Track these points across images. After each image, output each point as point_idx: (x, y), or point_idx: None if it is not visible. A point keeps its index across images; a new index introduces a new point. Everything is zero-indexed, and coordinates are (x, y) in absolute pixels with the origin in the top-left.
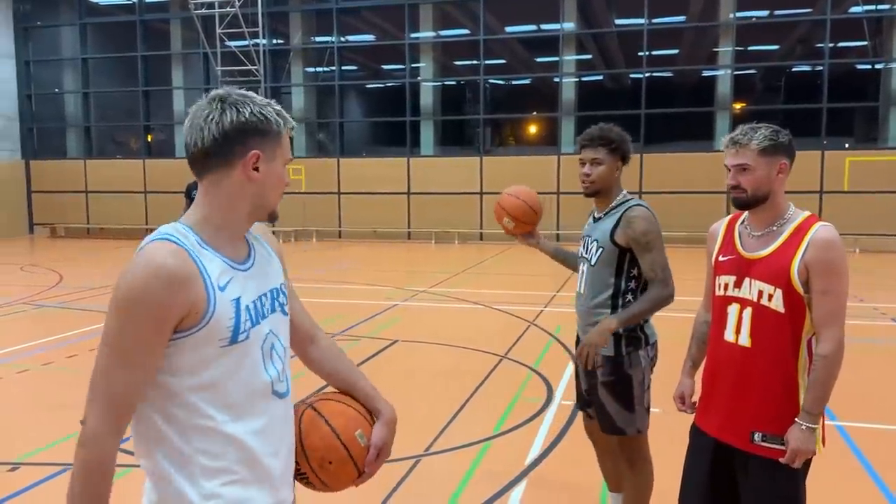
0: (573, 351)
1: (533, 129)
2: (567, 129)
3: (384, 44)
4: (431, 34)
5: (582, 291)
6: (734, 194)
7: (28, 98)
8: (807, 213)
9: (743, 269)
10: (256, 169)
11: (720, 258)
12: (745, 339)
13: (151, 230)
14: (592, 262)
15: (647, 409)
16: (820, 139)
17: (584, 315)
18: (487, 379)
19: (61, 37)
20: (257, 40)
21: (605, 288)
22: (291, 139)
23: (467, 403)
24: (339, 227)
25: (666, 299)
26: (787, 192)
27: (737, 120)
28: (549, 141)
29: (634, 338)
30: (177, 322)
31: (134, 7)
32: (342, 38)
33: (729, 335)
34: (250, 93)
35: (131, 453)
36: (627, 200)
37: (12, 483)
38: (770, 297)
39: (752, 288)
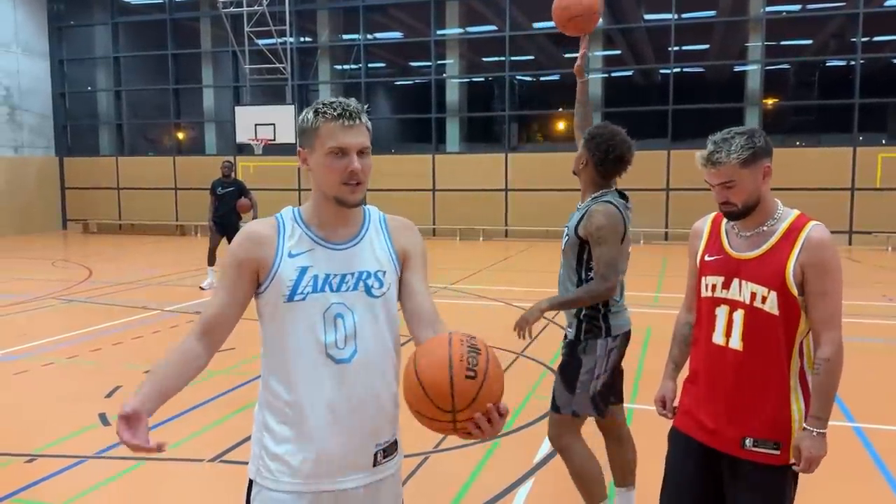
0: None
1: (560, 125)
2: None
3: (411, 41)
4: (458, 31)
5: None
6: (725, 209)
7: (62, 96)
8: (796, 212)
9: (732, 269)
10: (306, 162)
11: (706, 258)
12: (736, 343)
13: (182, 226)
14: (562, 248)
15: (594, 399)
16: (853, 135)
17: None
18: None
19: (94, 36)
20: (285, 38)
21: (572, 275)
22: (370, 129)
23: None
24: None
25: (601, 293)
26: (821, 189)
27: (767, 115)
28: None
29: (595, 327)
30: (253, 272)
31: (164, 6)
32: (369, 36)
33: (718, 338)
34: (331, 99)
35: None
36: (602, 196)
37: (28, 474)
38: (764, 299)
39: (742, 289)
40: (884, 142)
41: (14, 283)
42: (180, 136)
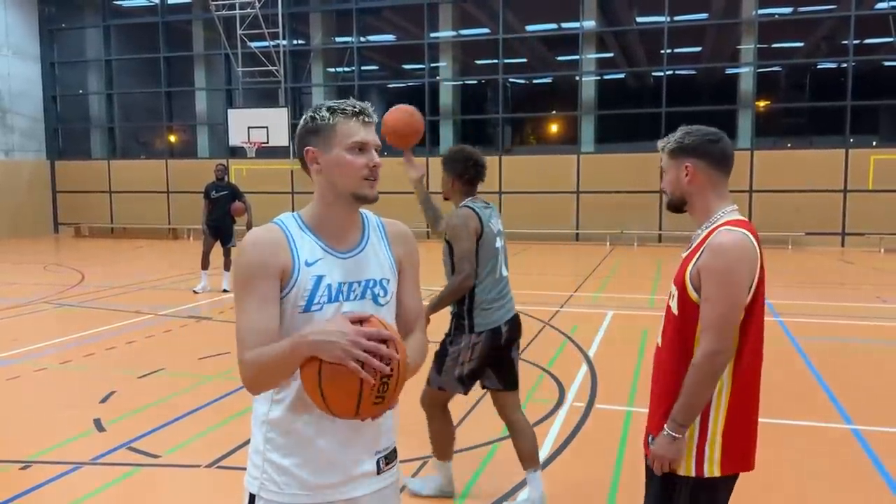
0: (588, 352)
1: (553, 127)
2: (587, 127)
3: (404, 43)
4: (451, 33)
5: None
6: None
7: (53, 99)
8: (730, 218)
9: (676, 272)
10: (317, 162)
11: None
12: (659, 339)
13: (175, 230)
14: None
15: (461, 380)
16: (845, 137)
17: None
18: None
19: (85, 39)
20: (278, 41)
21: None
22: (376, 125)
23: (478, 404)
24: None
25: (459, 285)
26: (813, 191)
27: (759, 117)
28: (570, 140)
29: (460, 323)
30: (278, 279)
31: (156, 9)
32: (362, 38)
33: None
34: (336, 101)
35: (144, 453)
36: (462, 205)
37: (23, 481)
38: (673, 297)
39: (671, 289)
40: (875, 143)
41: (5, 287)
42: (172, 139)
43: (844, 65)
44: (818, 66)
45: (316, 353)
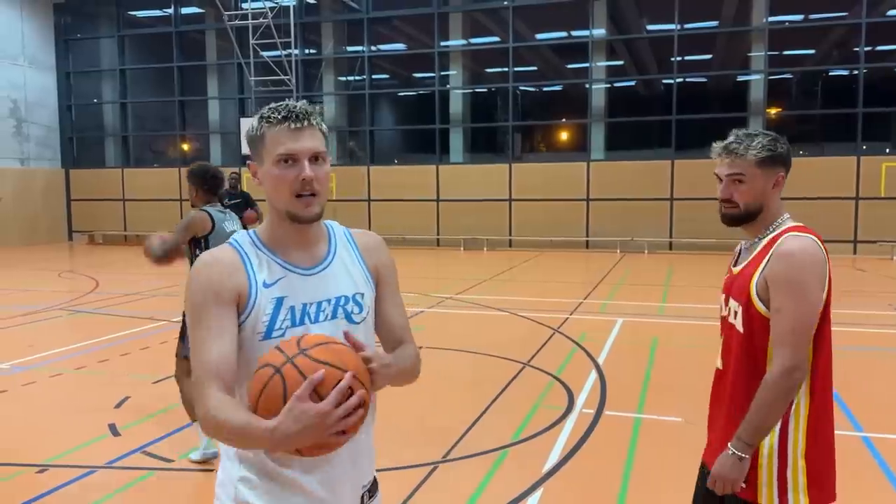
0: (598, 359)
1: (563, 135)
2: (597, 135)
3: (414, 52)
4: (461, 42)
5: None
6: (725, 209)
7: (68, 108)
8: (791, 223)
9: (728, 285)
10: (256, 177)
11: (726, 276)
12: (720, 362)
13: None
14: None
15: None
16: (856, 144)
17: None
18: (509, 386)
19: (100, 49)
20: (290, 50)
21: None
22: (325, 133)
23: (487, 411)
24: None
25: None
26: (824, 199)
27: (770, 125)
28: (580, 147)
29: None
30: (234, 304)
31: (170, 19)
32: (373, 48)
33: (718, 359)
34: (271, 106)
35: (158, 458)
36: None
37: (39, 485)
38: (736, 314)
39: (730, 306)
40: (888, 150)
41: (21, 294)
42: (185, 147)
43: (856, 72)
44: (829, 73)
45: (289, 447)
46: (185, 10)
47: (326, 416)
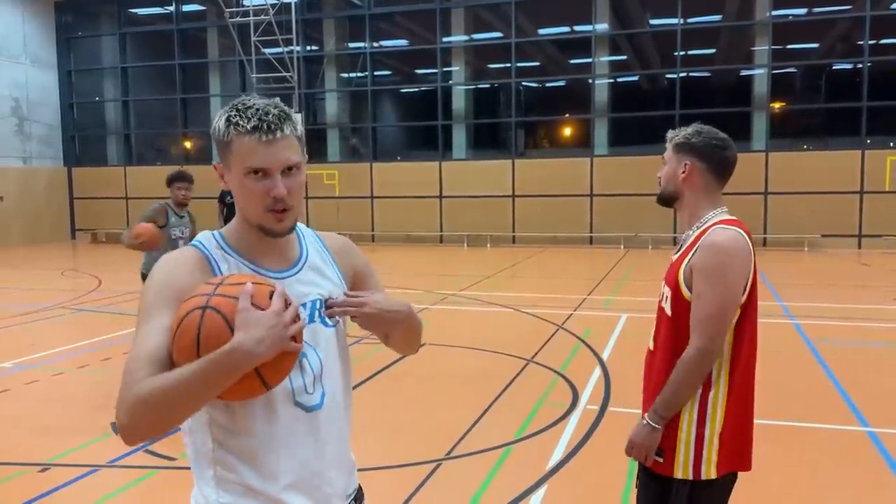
0: (602, 355)
1: (567, 131)
2: (600, 130)
3: (417, 48)
4: (464, 38)
5: None
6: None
7: (70, 107)
8: (722, 217)
9: (666, 273)
10: (223, 180)
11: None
12: (651, 342)
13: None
14: None
15: None
16: (861, 138)
17: None
18: (513, 383)
19: (102, 47)
20: (292, 47)
21: None
22: (300, 137)
23: (491, 407)
24: (372, 230)
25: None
26: (829, 193)
27: (774, 119)
28: (583, 143)
29: None
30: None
31: (171, 16)
32: (375, 44)
33: (650, 339)
34: (246, 98)
35: (161, 456)
36: None
37: (42, 484)
38: (666, 298)
39: (662, 291)
40: (892, 144)
41: (24, 292)
42: (188, 145)
43: (860, 65)
44: (833, 67)
45: (255, 362)
46: (186, 8)
47: (279, 315)
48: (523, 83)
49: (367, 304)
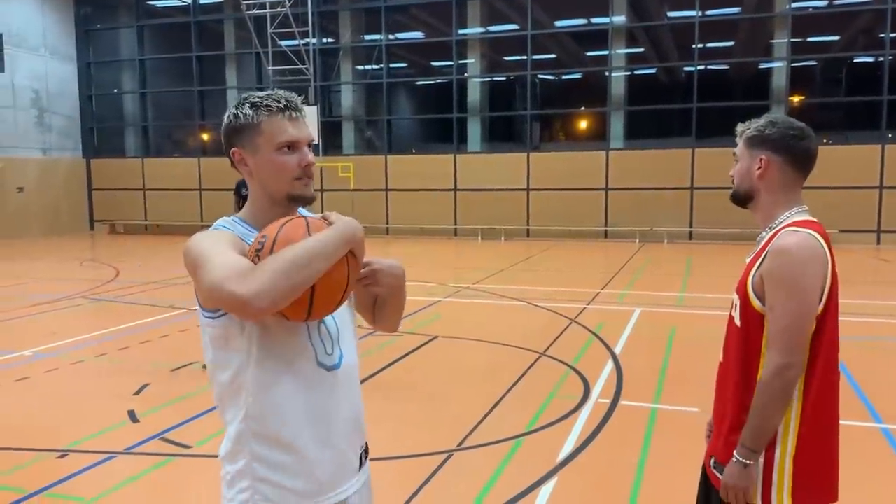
0: (614, 349)
1: (582, 124)
2: (616, 123)
3: (432, 41)
4: (479, 30)
5: None
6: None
7: (89, 98)
8: (797, 218)
9: (738, 282)
10: (246, 164)
11: None
12: (721, 354)
13: (206, 226)
14: None
15: None
16: (881, 132)
17: None
18: (524, 376)
19: (120, 39)
20: (308, 39)
21: None
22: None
23: (502, 400)
24: (387, 223)
25: None
26: (848, 188)
27: (793, 113)
28: (599, 136)
29: None
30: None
31: (189, 9)
32: (391, 36)
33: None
34: (254, 93)
35: (176, 444)
36: None
37: (60, 469)
38: (735, 307)
39: (732, 299)
40: None
41: (44, 283)
42: (205, 137)
43: (881, 58)
44: (854, 60)
45: (358, 237)
46: (203, 0)
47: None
48: (539, 76)
49: (371, 262)
